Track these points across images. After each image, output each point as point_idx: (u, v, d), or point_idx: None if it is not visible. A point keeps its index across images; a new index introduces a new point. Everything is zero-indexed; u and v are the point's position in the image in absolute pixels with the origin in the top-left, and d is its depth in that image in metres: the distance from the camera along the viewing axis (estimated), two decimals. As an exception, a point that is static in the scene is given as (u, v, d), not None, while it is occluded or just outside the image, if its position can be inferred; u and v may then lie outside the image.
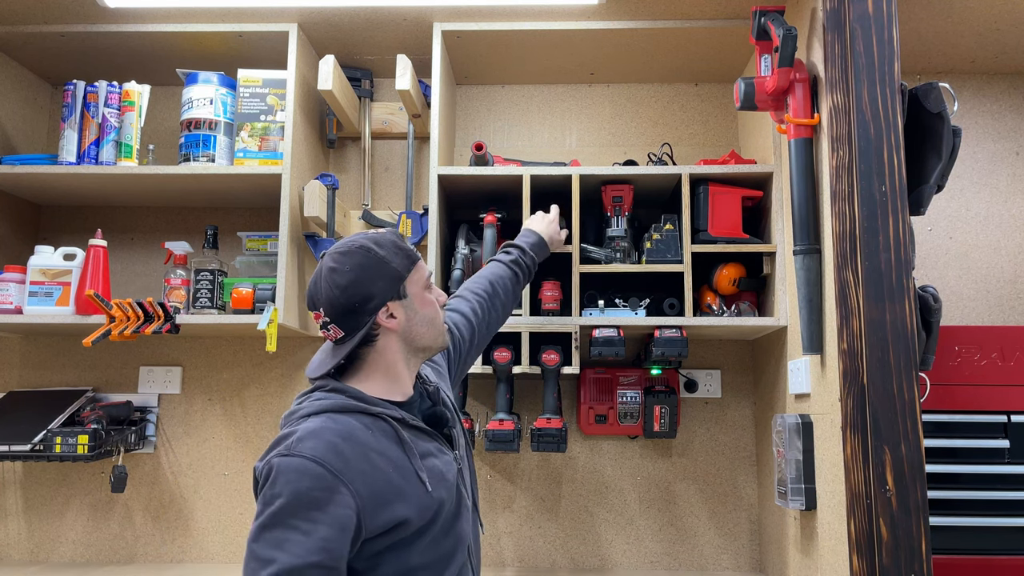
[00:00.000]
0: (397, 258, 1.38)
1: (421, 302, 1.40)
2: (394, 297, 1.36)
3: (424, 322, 1.41)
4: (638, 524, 2.41)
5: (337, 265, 1.35)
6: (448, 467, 1.37)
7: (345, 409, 1.30)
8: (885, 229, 1.60)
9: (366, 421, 1.30)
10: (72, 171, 2.24)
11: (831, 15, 1.72)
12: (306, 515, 1.16)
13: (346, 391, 1.33)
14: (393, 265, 1.36)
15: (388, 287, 1.35)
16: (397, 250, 1.39)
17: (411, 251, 1.41)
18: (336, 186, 2.35)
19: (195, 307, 2.25)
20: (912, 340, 1.56)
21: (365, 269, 1.34)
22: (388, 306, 1.36)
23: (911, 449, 1.53)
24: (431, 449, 1.37)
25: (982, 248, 2.50)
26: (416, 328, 1.40)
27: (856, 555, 1.55)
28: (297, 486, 1.18)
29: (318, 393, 1.34)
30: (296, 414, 1.31)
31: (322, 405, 1.30)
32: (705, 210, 2.16)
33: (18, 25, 2.31)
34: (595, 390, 2.36)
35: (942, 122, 1.70)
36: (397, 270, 1.37)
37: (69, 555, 2.44)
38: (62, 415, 2.30)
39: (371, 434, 1.28)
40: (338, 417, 1.28)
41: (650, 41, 2.33)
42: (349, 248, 1.37)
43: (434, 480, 1.32)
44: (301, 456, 1.20)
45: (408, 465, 1.29)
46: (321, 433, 1.23)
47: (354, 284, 1.33)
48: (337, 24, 2.30)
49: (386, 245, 1.38)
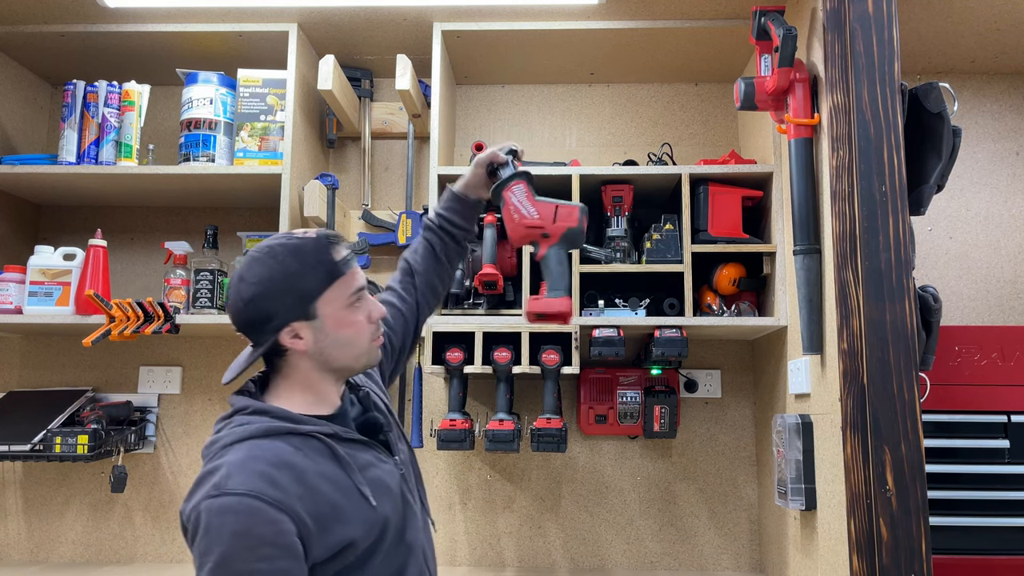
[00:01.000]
0: (313, 273, 1.23)
1: (336, 323, 1.24)
2: (300, 318, 1.22)
3: (338, 344, 1.25)
4: (638, 524, 2.41)
5: (246, 274, 1.23)
6: (391, 476, 1.28)
7: (271, 433, 1.17)
8: (885, 229, 1.60)
9: (296, 443, 1.18)
10: (72, 171, 2.24)
11: (831, 15, 1.72)
12: (258, 554, 1.07)
13: (270, 412, 1.21)
14: (305, 282, 1.22)
15: (293, 307, 1.21)
16: (316, 262, 1.23)
17: (335, 264, 1.24)
18: (336, 186, 2.36)
19: (195, 307, 2.25)
20: (912, 340, 1.56)
21: (270, 284, 1.21)
22: (292, 327, 1.22)
23: (911, 449, 1.53)
24: (371, 460, 1.26)
25: (982, 248, 2.50)
26: (328, 351, 1.25)
27: (856, 555, 1.55)
28: (236, 528, 1.08)
29: (239, 418, 1.21)
30: (217, 443, 1.18)
31: (245, 431, 1.17)
32: (705, 210, 2.16)
33: (18, 25, 2.31)
34: (595, 390, 2.36)
35: (942, 122, 1.70)
36: (308, 289, 1.22)
37: (69, 555, 2.44)
38: (62, 415, 2.30)
39: (303, 455, 1.17)
40: (264, 443, 1.16)
41: (650, 41, 2.33)
42: (264, 254, 1.24)
43: (378, 493, 1.22)
44: (233, 494, 1.09)
45: (348, 482, 1.19)
46: (249, 464, 1.12)
47: (256, 299, 1.21)
48: (337, 24, 2.30)
49: (303, 255, 1.23)
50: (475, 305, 2.23)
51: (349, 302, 1.26)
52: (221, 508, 1.09)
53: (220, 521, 1.08)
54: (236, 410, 1.23)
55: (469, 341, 2.14)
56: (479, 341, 2.13)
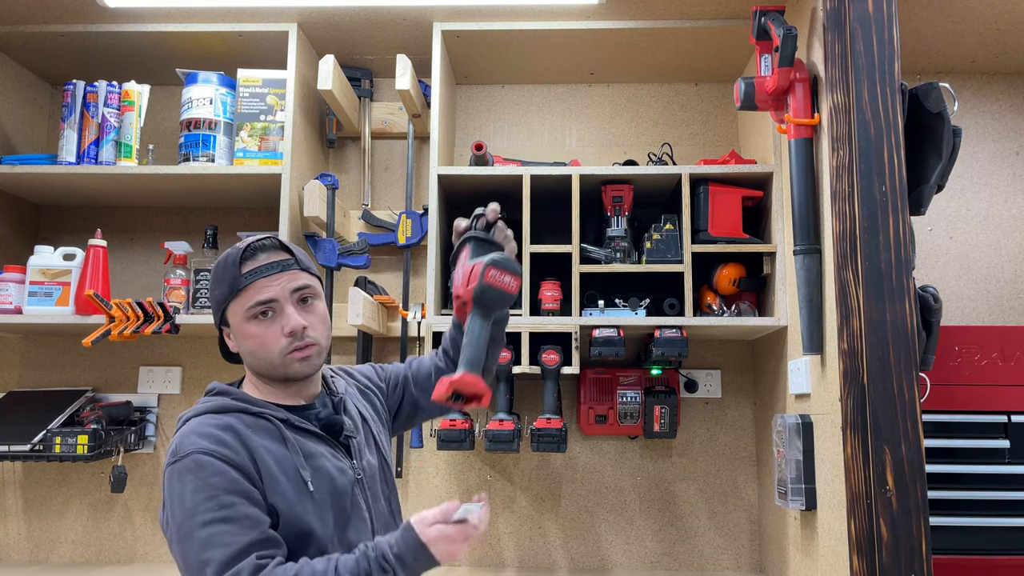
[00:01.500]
0: (221, 283, 1.30)
1: (242, 334, 1.30)
2: (221, 323, 1.33)
3: (248, 353, 1.31)
4: (638, 524, 2.41)
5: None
6: (341, 473, 1.30)
7: (224, 409, 1.27)
8: (885, 229, 1.60)
9: (247, 420, 1.27)
10: (72, 171, 2.24)
11: (831, 15, 1.72)
12: (219, 502, 1.15)
13: (229, 393, 1.31)
14: (217, 290, 1.31)
15: (216, 312, 1.34)
16: (225, 274, 1.29)
17: (236, 276, 1.28)
18: (336, 186, 2.35)
19: (195, 307, 2.25)
20: (912, 340, 1.56)
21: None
22: (224, 329, 1.34)
23: (911, 449, 1.53)
24: (322, 451, 1.30)
25: (982, 248, 2.50)
26: (246, 357, 1.33)
27: (856, 555, 1.55)
28: (194, 483, 1.16)
29: (203, 398, 1.32)
30: (180, 419, 1.29)
31: (202, 408, 1.28)
32: (705, 210, 2.16)
33: (18, 25, 2.31)
34: (595, 390, 2.36)
35: (942, 122, 1.70)
36: (218, 297, 1.31)
37: (69, 555, 2.44)
38: (62, 415, 2.30)
39: (250, 431, 1.25)
40: (215, 417, 1.26)
41: (650, 41, 2.33)
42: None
43: (318, 480, 1.26)
44: (186, 455, 1.18)
45: (290, 462, 1.25)
46: (198, 429, 1.22)
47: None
48: (337, 24, 2.30)
49: (220, 265, 1.31)
50: (475, 305, 2.23)
51: (250, 314, 1.28)
52: (179, 471, 1.18)
53: (180, 482, 1.17)
54: (205, 392, 1.35)
55: (469, 341, 2.14)
56: (479, 341, 2.13)
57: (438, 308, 2.21)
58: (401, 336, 2.43)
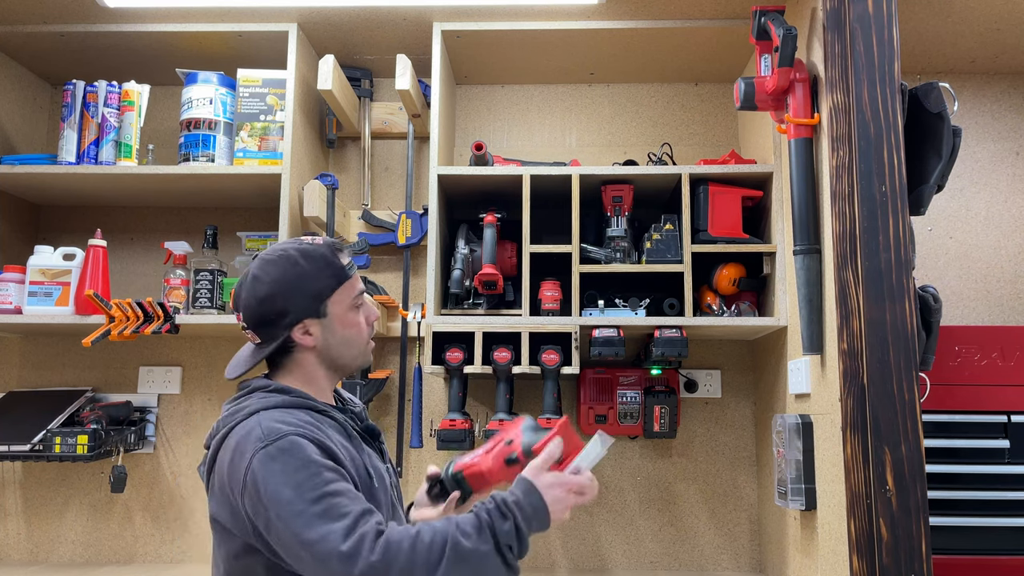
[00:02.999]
0: (323, 275, 1.33)
1: (342, 322, 1.35)
2: (312, 316, 1.32)
3: (343, 343, 1.36)
4: (638, 524, 2.41)
5: (260, 274, 1.32)
6: (387, 473, 1.37)
7: (294, 405, 1.28)
8: (885, 229, 1.60)
9: (315, 417, 1.28)
10: (72, 171, 2.24)
11: (831, 15, 1.72)
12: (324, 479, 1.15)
13: (290, 391, 1.31)
14: (315, 283, 1.32)
15: (306, 305, 1.32)
16: (326, 265, 1.34)
17: (342, 268, 1.36)
18: (336, 186, 2.35)
19: (195, 307, 2.25)
20: (912, 340, 1.56)
21: (284, 284, 1.30)
22: (304, 323, 1.32)
23: (911, 449, 1.53)
24: (372, 452, 1.37)
25: (982, 248, 2.50)
26: (334, 348, 1.36)
27: (856, 555, 1.55)
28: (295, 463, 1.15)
29: (259, 394, 1.31)
30: (242, 411, 1.26)
31: (269, 402, 1.27)
32: (705, 210, 2.16)
33: (18, 25, 2.31)
34: (595, 390, 2.36)
35: (942, 122, 1.70)
36: (319, 288, 1.33)
37: (69, 555, 2.44)
38: (62, 415, 2.30)
39: (323, 426, 1.27)
40: (289, 411, 1.26)
41: (650, 41, 2.33)
42: (277, 257, 1.33)
43: (379, 481, 1.31)
44: (280, 437, 1.18)
45: (360, 460, 1.29)
46: (284, 418, 1.22)
47: (271, 298, 1.30)
48: (337, 24, 2.30)
49: (315, 259, 1.33)
50: (475, 305, 2.23)
51: (353, 304, 1.38)
52: (274, 454, 1.16)
53: (279, 463, 1.15)
54: (255, 388, 1.33)
55: (469, 341, 2.14)
56: (479, 341, 2.13)
57: (438, 308, 2.21)
58: (401, 336, 2.43)
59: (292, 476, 1.14)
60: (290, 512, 1.12)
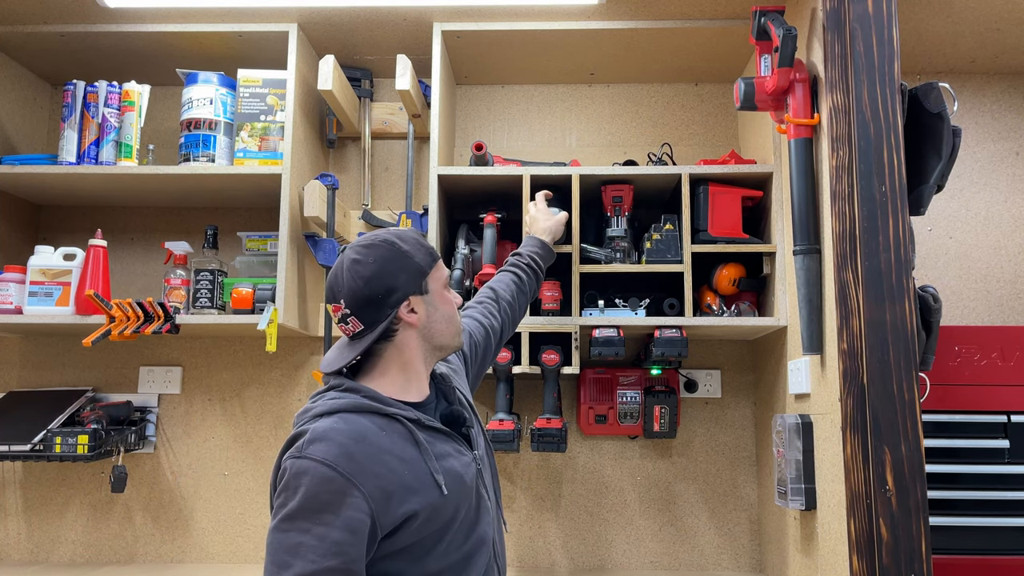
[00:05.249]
0: (420, 253, 1.39)
1: (441, 299, 1.41)
2: (416, 292, 1.37)
3: (444, 319, 1.41)
4: (638, 524, 2.41)
5: (361, 257, 1.35)
6: (467, 468, 1.36)
7: (358, 409, 1.28)
8: (885, 229, 1.60)
9: (380, 422, 1.28)
10: (72, 171, 2.24)
11: (831, 15, 1.72)
12: (318, 519, 1.17)
13: (360, 391, 1.32)
14: (416, 260, 1.37)
15: (411, 281, 1.36)
16: (420, 246, 1.40)
17: (432, 249, 1.42)
18: (336, 186, 2.35)
19: (195, 307, 2.25)
20: (912, 340, 1.56)
21: (389, 262, 1.35)
22: (410, 300, 1.36)
23: (911, 449, 1.53)
24: (448, 450, 1.35)
25: (982, 248, 2.50)
26: (436, 325, 1.40)
27: (856, 555, 1.55)
28: (307, 490, 1.18)
29: (332, 392, 1.33)
30: (309, 412, 1.29)
31: (335, 405, 1.28)
32: (705, 210, 2.16)
33: (18, 25, 2.31)
34: (595, 390, 2.36)
35: (942, 122, 1.70)
36: (420, 265, 1.38)
37: (69, 555, 2.44)
38: (62, 415, 2.30)
39: (384, 435, 1.27)
40: (350, 417, 1.26)
41: (650, 41, 2.33)
42: (373, 241, 1.38)
43: (451, 482, 1.30)
44: (311, 459, 1.20)
45: (424, 467, 1.28)
46: (331, 435, 1.22)
47: (377, 276, 1.33)
48: (337, 24, 2.30)
49: (409, 240, 1.39)
50: (475, 305, 2.23)
51: (446, 282, 1.45)
52: (299, 470, 1.20)
53: (296, 481, 1.19)
54: (331, 386, 1.35)
55: (469, 341, 2.14)
56: (479, 341, 2.13)
57: (438, 308, 2.21)
58: (401, 336, 2.43)
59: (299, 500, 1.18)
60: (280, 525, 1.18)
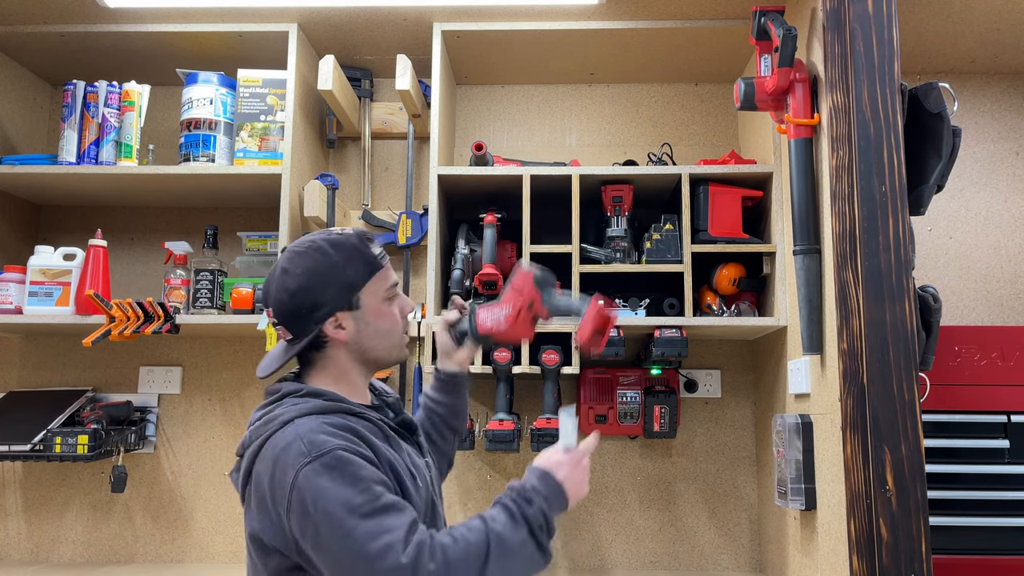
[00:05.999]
0: (354, 265, 1.29)
1: (376, 314, 1.32)
2: (344, 307, 1.28)
3: (377, 335, 1.32)
4: (638, 524, 2.41)
5: (289, 267, 1.28)
6: (426, 469, 1.35)
7: (329, 410, 1.24)
8: (885, 229, 1.60)
9: (352, 420, 1.24)
10: (72, 171, 2.24)
11: (831, 15, 1.72)
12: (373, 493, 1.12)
13: (322, 394, 1.27)
14: (347, 273, 1.28)
15: (338, 296, 1.28)
16: (357, 256, 1.30)
17: (374, 258, 1.32)
18: (336, 186, 2.36)
19: (195, 307, 2.25)
20: (912, 340, 1.56)
21: (316, 275, 1.27)
22: (337, 316, 1.28)
23: (911, 449, 1.53)
24: (410, 450, 1.33)
25: (982, 248, 2.50)
26: (367, 341, 1.32)
27: (856, 555, 1.55)
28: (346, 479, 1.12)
29: (291, 399, 1.27)
30: (276, 420, 1.21)
31: (304, 408, 1.22)
32: (705, 210, 2.16)
33: (18, 25, 2.31)
34: (595, 390, 2.36)
35: (942, 122, 1.70)
36: (351, 279, 1.29)
37: (69, 555, 2.44)
38: (62, 415, 2.30)
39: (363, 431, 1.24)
40: (326, 417, 1.21)
41: (650, 41, 2.33)
42: (306, 248, 1.30)
43: (419, 477, 1.29)
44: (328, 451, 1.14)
45: (400, 461, 1.26)
46: (324, 428, 1.17)
47: (303, 290, 1.26)
48: (337, 24, 2.30)
49: (346, 249, 1.30)
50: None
51: (387, 295, 1.34)
52: (319, 470, 1.13)
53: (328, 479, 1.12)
54: (287, 393, 1.28)
55: (469, 341, 2.14)
56: (479, 341, 2.13)
57: (438, 308, 2.21)
58: (401, 336, 2.43)
59: (341, 492, 1.11)
60: (344, 530, 1.10)
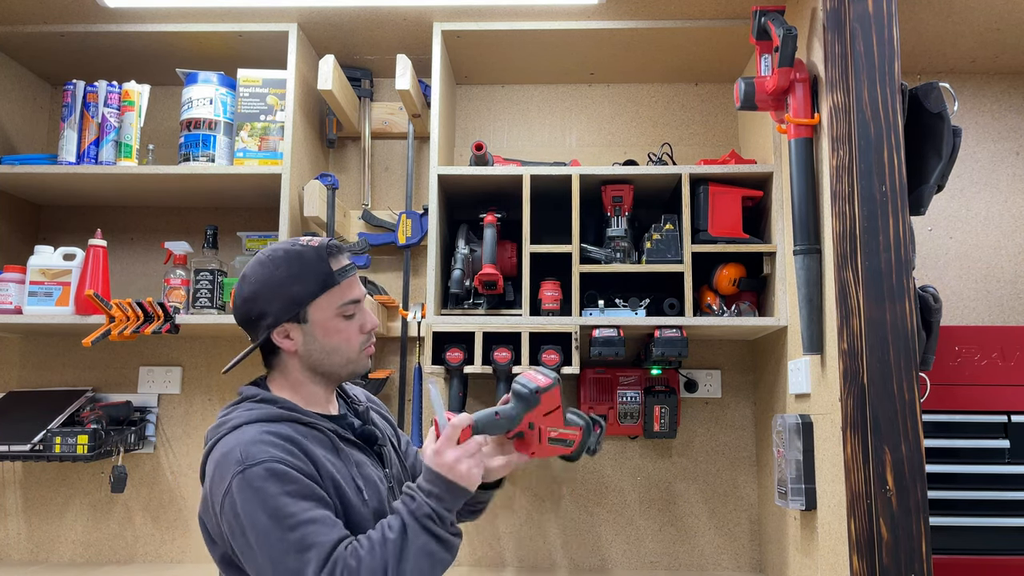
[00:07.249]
0: (305, 280, 1.29)
1: (325, 330, 1.31)
2: (290, 320, 1.30)
3: (325, 351, 1.32)
4: (638, 524, 2.41)
5: (248, 273, 1.32)
6: (381, 481, 1.34)
7: (276, 419, 1.26)
8: (885, 229, 1.60)
9: (301, 430, 1.26)
10: (72, 171, 2.24)
11: (831, 15, 1.72)
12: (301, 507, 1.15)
13: (276, 401, 1.30)
14: (294, 289, 1.29)
15: (284, 310, 1.29)
16: (311, 270, 1.30)
17: (329, 273, 1.31)
18: (336, 186, 2.35)
19: (195, 307, 2.25)
20: (912, 340, 1.56)
21: (265, 286, 1.29)
22: (284, 327, 1.30)
23: (911, 449, 1.53)
24: (365, 460, 1.34)
25: (982, 248, 2.50)
26: (315, 355, 1.32)
27: (856, 555, 1.55)
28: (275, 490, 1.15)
29: (246, 404, 1.30)
30: (225, 425, 1.25)
31: (252, 415, 1.25)
32: (705, 210, 2.16)
33: (18, 25, 2.31)
34: (595, 390, 2.36)
35: (942, 122, 1.70)
36: (298, 294, 1.29)
37: (69, 555, 2.44)
38: (62, 415, 2.30)
39: (308, 441, 1.25)
40: (271, 426, 1.23)
41: (650, 41, 2.33)
42: (267, 257, 1.32)
43: (370, 490, 1.29)
44: (259, 463, 1.16)
45: (346, 472, 1.27)
46: (263, 438, 1.20)
47: (252, 298, 1.30)
48: (337, 24, 2.30)
49: (302, 262, 1.30)
50: (475, 305, 2.23)
51: (340, 312, 1.33)
52: (253, 479, 1.15)
53: (257, 491, 1.15)
54: (244, 398, 1.32)
55: (469, 341, 2.14)
56: (479, 341, 2.13)
57: (438, 308, 2.21)
58: (401, 336, 2.43)
59: (269, 503, 1.15)
60: (267, 541, 1.14)
